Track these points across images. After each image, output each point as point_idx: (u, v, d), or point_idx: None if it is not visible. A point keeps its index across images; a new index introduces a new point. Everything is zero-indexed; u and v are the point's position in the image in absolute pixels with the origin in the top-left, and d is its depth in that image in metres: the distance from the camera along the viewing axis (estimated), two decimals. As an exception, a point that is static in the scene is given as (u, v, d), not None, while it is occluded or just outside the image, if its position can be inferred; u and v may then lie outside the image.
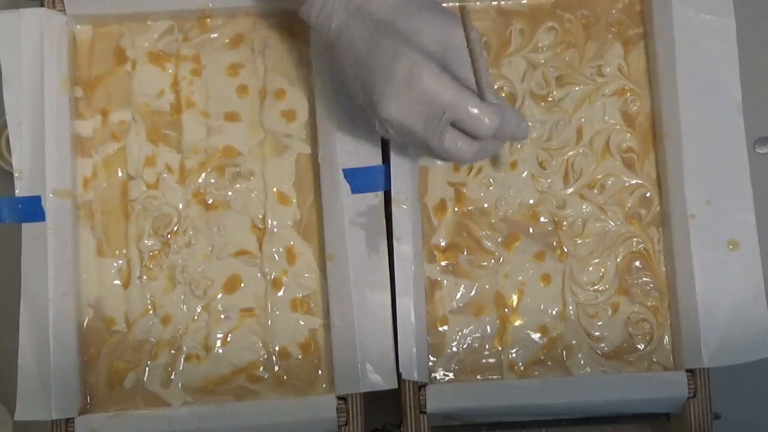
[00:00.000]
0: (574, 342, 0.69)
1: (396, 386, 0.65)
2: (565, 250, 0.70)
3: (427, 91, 0.55)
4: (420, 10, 0.57)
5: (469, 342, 0.69)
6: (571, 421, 0.71)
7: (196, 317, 0.69)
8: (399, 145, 0.67)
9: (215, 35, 0.71)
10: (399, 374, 0.65)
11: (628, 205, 0.71)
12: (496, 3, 0.72)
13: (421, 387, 0.66)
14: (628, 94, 0.72)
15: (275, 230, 0.70)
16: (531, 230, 0.70)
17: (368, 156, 0.67)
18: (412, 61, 0.55)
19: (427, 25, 0.56)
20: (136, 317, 0.69)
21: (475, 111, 0.55)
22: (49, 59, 0.67)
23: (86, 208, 0.69)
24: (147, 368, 0.68)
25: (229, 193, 0.70)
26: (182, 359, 0.68)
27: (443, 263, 0.70)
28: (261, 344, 0.69)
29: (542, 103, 0.71)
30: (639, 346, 0.70)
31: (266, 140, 0.70)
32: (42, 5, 0.68)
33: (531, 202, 0.70)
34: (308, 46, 0.70)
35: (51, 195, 0.66)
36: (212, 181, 0.70)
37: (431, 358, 0.69)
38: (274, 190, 0.70)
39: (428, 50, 0.56)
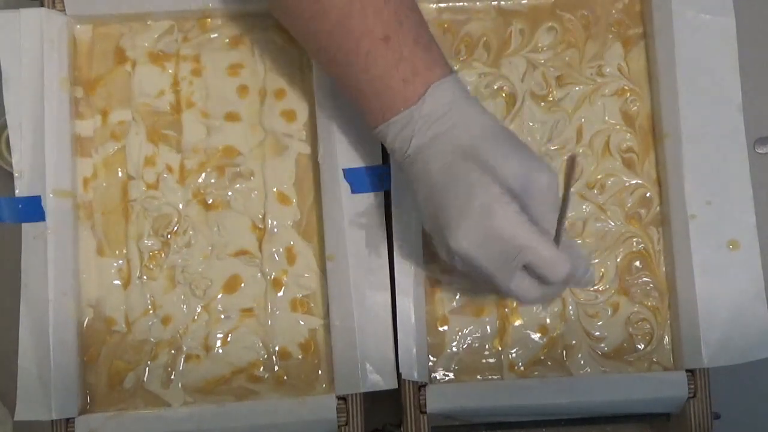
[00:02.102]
0: (574, 342, 0.69)
1: (396, 386, 0.65)
2: (565, 250, 0.70)
3: (503, 232, 0.53)
4: (502, 145, 0.55)
5: (469, 342, 0.69)
6: (571, 421, 0.71)
7: (196, 317, 0.69)
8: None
9: (215, 35, 0.71)
10: (399, 374, 0.65)
11: (628, 205, 0.71)
12: (496, 3, 0.72)
13: (421, 387, 0.66)
14: (628, 94, 0.72)
15: (275, 230, 0.70)
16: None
17: (368, 156, 0.67)
18: (490, 197, 0.53)
19: (509, 160, 0.54)
20: (136, 317, 0.69)
21: (550, 258, 0.53)
22: (49, 59, 0.67)
23: (86, 208, 0.69)
24: (147, 368, 0.68)
25: (229, 193, 0.70)
26: (182, 359, 0.68)
27: (443, 263, 0.70)
28: (261, 344, 0.69)
29: (542, 103, 0.71)
30: (639, 346, 0.70)
31: (266, 140, 0.70)
32: (42, 5, 0.68)
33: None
34: (308, 46, 0.70)
35: (51, 195, 0.66)
36: (212, 181, 0.70)
37: (431, 358, 0.69)
38: (274, 190, 0.70)
39: (508, 187, 0.54)
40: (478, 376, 0.69)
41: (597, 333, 0.70)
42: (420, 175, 0.56)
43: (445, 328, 0.69)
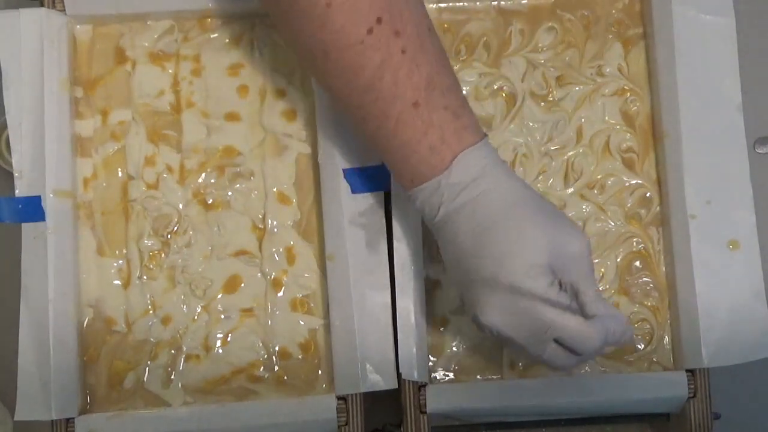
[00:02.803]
0: (574, 342, 0.69)
1: (396, 386, 0.65)
2: (565, 250, 0.70)
3: (530, 310, 0.53)
4: (533, 213, 0.55)
5: (469, 342, 0.69)
6: (571, 421, 0.71)
7: (196, 317, 0.69)
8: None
9: (215, 35, 0.71)
10: (399, 374, 0.65)
11: (628, 205, 0.71)
12: (496, 3, 0.72)
13: (421, 387, 0.66)
14: (628, 94, 0.72)
15: (275, 230, 0.70)
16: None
17: (368, 156, 0.67)
18: (519, 272, 0.53)
19: (538, 231, 0.54)
20: (136, 317, 0.69)
21: (578, 333, 0.53)
22: (49, 59, 0.67)
23: (86, 208, 0.69)
24: (147, 368, 0.68)
25: (229, 193, 0.70)
26: (182, 359, 0.68)
27: (443, 262, 0.70)
28: (261, 344, 0.69)
29: (542, 103, 0.71)
30: (639, 346, 0.70)
31: (266, 140, 0.70)
32: (42, 5, 0.68)
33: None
34: (308, 46, 0.70)
35: (51, 195, 0.66)
36: (212, 181, 0.70)
37: (431, 358, 0.69)
38: (274, 190, 0.70)
39: (535, 261, 0.53)
40: (478, 376, 0.69)
41: (597, 333, 0.69)
42: (449, 239, 0.56)
43: (445, 328, 0.69)
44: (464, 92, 0.71)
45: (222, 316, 0.69)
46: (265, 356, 0.69)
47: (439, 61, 0.55)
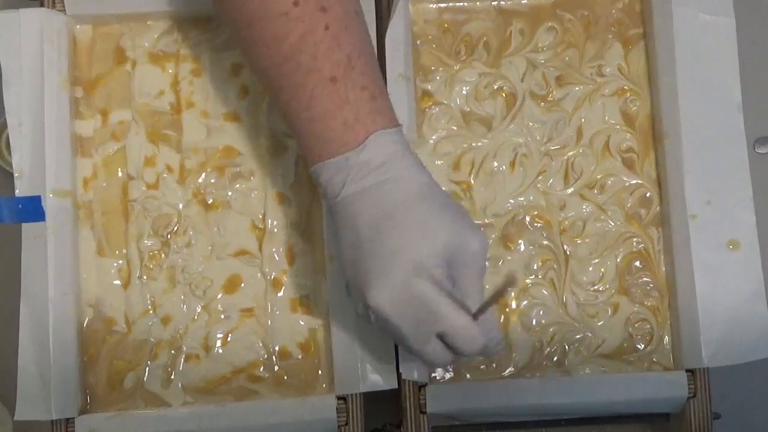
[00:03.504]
0: (574, 342, 0.69)
1: (396, 386, 0.65)
2: (565, 250, 0.70)
3: (422, 297, 0.53)
4: (435, 207, 0.55)
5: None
6: (571, 421, 0.71)
7: (196, 317, 0.69)
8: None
9: (215, 35, 0.71)
10: (399, 374, 0.65)
11: (628, 205, 0.71)
12: (496, 3, 0.72)
13: (421, 387, 0.66)
14: (628, 94, 0.72)
15: (275, 230, 0.70)
16: (531, 230, 0.70)
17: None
18: (415, 260, 0.53)
19: (441, 223, 0.54)
20: (136, 317, 0.69)
21: (465, 331, 0.54)
22: (49, 59, 0.67)
23: (86, 208, 0.69)
24: (147, 368, 0.68)
25: (229, 193, 0.70)
26: (182, 359, 0.68)
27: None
28: (261, 344, 0.69)
29: (542, 103, 0.71)
30: (639, 346, 0.70)
31: (266, 140, 0.70)
32: (42, 5, 0.68)
33: (531, 202, 0.70)
34: (308, 46, 0.70)
35: (51, 195, 0.66)
36: (212, 181, 0.70)
37: (431, 358, 0.69)
38: (274, 190, 0.70)
39: (434, 253, 0.53)
40: (478, 376, 0.69)
41: (597, 333, 0.70)
42: (347, 223, 0.55)
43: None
44: (464, 92, 0.71)
45: (222, 316, 0.69)
46: (265, 356, 0.69)
47: (362, 44, 0.56)
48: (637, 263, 0.70)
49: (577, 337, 0.69)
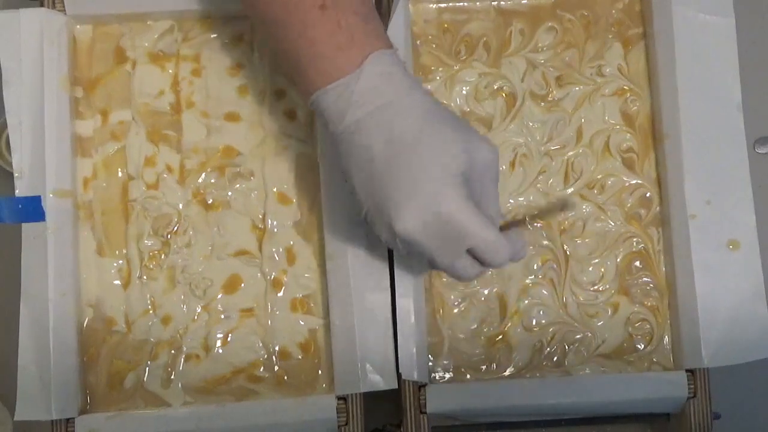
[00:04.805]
0: (574, 342, 0.69)
1: (396, 386, 0.65)
2: (565, 250, 0.70)
3: (452, 218, 0.52)
4: (445, 125, 0.54)
5: (469, 342, 0.69)
6: (571, 421, 0.71)
7: (196, 317, 0.69)
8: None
9: (215, 35, 0.71)
10: (399, 374, 0.65)
11: (628, 205, 0.71)
12: (496, 3, 0.72)
13: (421, 387, 0.66)
14: (628, 94, 0.72)
15: (275, 230, 0.70)
16: (531, 230, 0.70)
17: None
18: (440, 181, 0.52)
19: (455, 144, 0.53)
20: (136, 317, 0.69)
21: (494, 244, 0.53)
22: (49, 59, 0.67)
23: (86, 208, 0.69)
24: (147, 368, 0.68)
25: (229, 193, 0.70)
26: (182, 359, 0.68)
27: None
28: (261, 344, 0.69)
29: (542, 103, 0.71)
30: (639, 346, 0.70)
31: (266, 140, 0.70)
32: (42, 5, 0.68)
33: (531, 201, 0.70)
34: (308, 46, 0.70)
35: (51, 195, 0.66)
36: (212, 181, 0.70)
37: (431, 358, 0.69)
38: (274, 190, 0.70)
39: (454, 170, 0.53)
40: (478, 376, 0.69)
41: (597, 333, 0.70)
42: (356, 151, 0.54)
43: (445, 327, 0.69)
44: (464, 92, 0.71)
45: (222, 316, 0.69)
46: (265, 356, 0.69)
47: None
48: (637, 263, 0.70)
49: (577, 337, 0.69)
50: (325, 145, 0.67)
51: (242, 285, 0.69)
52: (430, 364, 0.69)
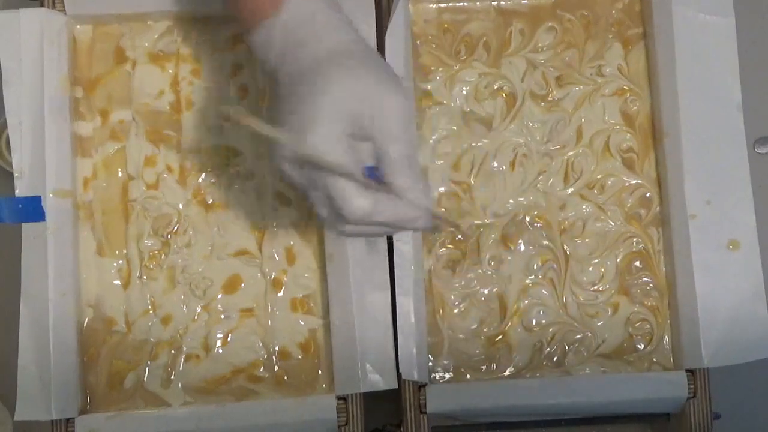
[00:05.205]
0: (574, 342, 0.69)
1: (396, 386, 0.65)
2: (565, 250, 0.70)
3: (313, 146, 0.50)
4: (356, 62, 0.53)
5: (469, 341, 0.69)
6: (571, 421, 0.71)
7: (196, 317, 0.69)
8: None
9: (215, 35, 0.71)
10: (399, 374, 0.65)
11: (628, 205, 0.71)
12: (496, 3, 0.72)
13: (421, 387, 0.66)
14: (628, 94, 0.72)
15: (275, 230, 0.70)
16: (531, 230, 0.70)
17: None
18: (315, 111, 0.51)
19: (352, 83, 0.52)
20: (136, 317, 0.69)
21: (346, 190, 0.51)
22: (49, 59, 0.67)
23: (86, 208, 0.69)
24: (147, 368, 0.68)
25: (229, 193, 0.70)
26: (182, 359, 0.68)
27: (443, 262, 0.70)
28: (261, 344, 0.69)
29: (542, 103, 0.71)
30: (639, 346, 0.70)
31: (266, 140, 0.70)
32: (42, 5, 0.68)
33: (531, 202, 0.70)
34: (308, 46, 0.70)
35: (51, 195, 0.66)
36: (212, 181, 0.70)
37: (431, 358, 0.69)
38: (274, 190, 0.70)
39: (339, 109, 0.51)
40: (478, 376, 0.69)
41: (597, 333, 0.70)
42: (278, 80, 0.55)
43: (445, 328, 0.69)
44: (464, 92, 0.71)
45: (222, 316, 0.69)
46: (265, 356, 0.69)
47: None
48: (637, 263, 0.70)
49: (577, 337, 0.69)
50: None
51: (242, 285, 0.69)
52: (430, 364, 0.69)
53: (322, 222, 0.54)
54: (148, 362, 0.68)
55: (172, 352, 0.69)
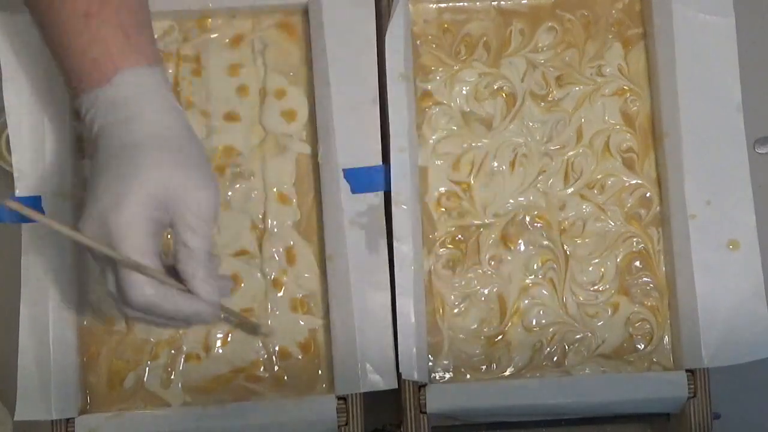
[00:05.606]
0: (574, 342, 0.69)
1: (396, 386, 0.65)
2: (565, 250, 0.70)
3: (113, 228, 0.51)
4: (164, 150, 0.54)
5: (469, 341, 0.69)
6: (571, 421, 0.71)
7: (196, 317, 0.69)
8: (399, 145, 0.67)
9: (215, 35, 0.71)
10: (399, 374, 0.65)
11: (628, 205, 0.71)
12: (496, 3, 0.72)
13: (421, 387, 0.66)
14: (628, 94, 0.72)
15: (275, 230, 0.70)
16: (531, 230, 0.70)
17: (368, 156, 0.67)
18: (122, 194, 0.52)
19: (160, 168, 0.53)
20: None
21: (130, 277, 0.52)
22: (49, 59, 0.66)
23: (86, 208, 0.69)
24: (147, 368, 0.68)
25: (229, 193, 0.70)
26: (182, 359, 0.68)
27: (443, 262, 0.70)
28: (261, 344, 0.69)
29: (542, 103, 0.71)
30: (639, 346, 0.70)
31: (266, 140, 0.70)
32: (42, 5, 0.68)
33: (531, 202, 0.70)
34: (308, 46, 0.70)
35: (51, 195, 0.66)
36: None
37: (431, 358, 0.69)
38: (274, 190, 0.70)
39: (145, 192, 0.52)
40: (478, 376, 0.69)
41: (597, 333, 0.70)
42: (93, 155, 0.55)
43: (446, 328, 0.69)
44: (464, 92, 0.71)
45: (222, 316, 0.69)
46: (265, 356, 0.69)
47: None
48: (637, 263, 0.70)
49: (577, 337, 0.69)
50: (325, 145, 0.67)
51: (242, 285, 0.69)
52: (430, 364, 0.69)
53: (110, 298, 0.55)
54: (148, 362, 0.68)
55: (172, 352, 0.68)
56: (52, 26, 0.55)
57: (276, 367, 0.69)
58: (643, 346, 0.70)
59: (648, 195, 0.71)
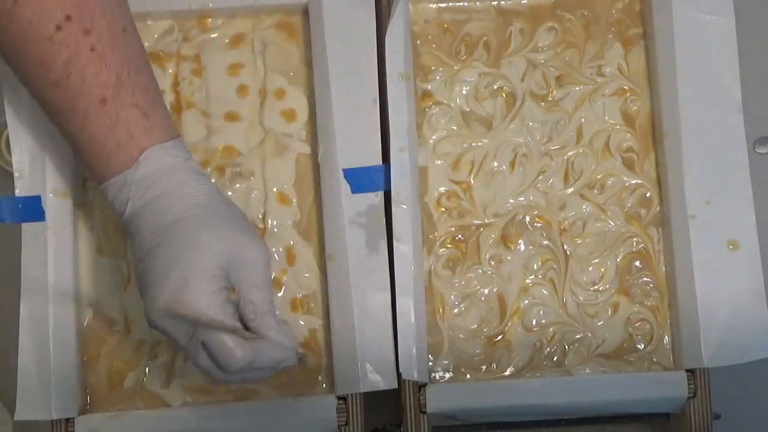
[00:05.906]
0: (574, 342, 0.69)
1: (396, 386, 0.65)
2: (565, 249, 0.70)
3: (190, 306, 0.53)
4: (213, 216, 0.56)
5: (469, 341, 0.69)
6: (571, 421, 0.71)
7: (196, 317, 0.69)
8: (399, 145, 0.67)
9: (215, 35, 0.71)
10: (399, 374, 0.65)
11: (628, 205, 0.71)
12: (496, 3, 0.72)
13: (421, 387, 0.66)
14: (628, 94, 0.72)
15: (275, 230, 0.70)
16: (531, 230, 0.70)
17: (368, 156, 0.67)
18: (184, 276, 0.53)
19: (214, 237, 0.55)
20: (135, 317, 0.69)
21: (224, 344, 0.53)
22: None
23: (86, 208, 0.69)
24: (147, 368, 0.68)
25: (229, 193, 0.70)
26: (182, 359, 0.68)
27: (443, 262, 0.70)
28: (261, 344, 0.69)
29: (542, 103, 0.71)
30: (639, 346, 0.70)
31: (266, 140, 0.70)
32: (42, 5, 0.68)
33: (531, 201, 0.70)
34: (308, 46, 0.70)
35: (51, 195, 0.66)
36: (212, 181, 0.70)
37: (431, 358, 0.69)
38: (274, 190, 0.70)
39: (206, 264, 0.54)
40: (478, 376, 0.69)
41: (597, 333, 0.70)
42: (134, 239, 0.56)
43: (446, 328, 0.69)
44: (464, 92, 0.71)
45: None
46: (265, 356, 0.69)
47: (132, 60, 0.56)
48: (637, 263, 0.70)
49: (577, 337, 0.69)
50: (325, 144, 0.67)
51: (242, 285, 0.69)
52: (430, 364, 0.69)
53: (201, 370, 0.56)
54: (148, 362, 0.68)
55: (172, 352, 0.68)
56: (70, 117, 0.56)
57: (276, 367, 0.69)
58: (643, 346, 0.70)
59: (648, 195, 0.71)
